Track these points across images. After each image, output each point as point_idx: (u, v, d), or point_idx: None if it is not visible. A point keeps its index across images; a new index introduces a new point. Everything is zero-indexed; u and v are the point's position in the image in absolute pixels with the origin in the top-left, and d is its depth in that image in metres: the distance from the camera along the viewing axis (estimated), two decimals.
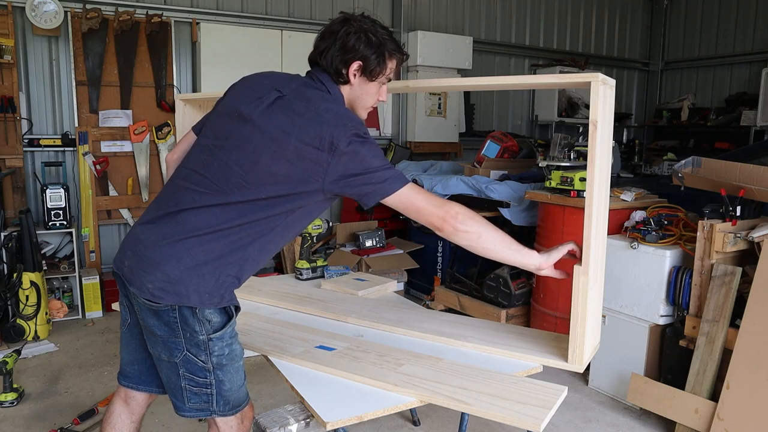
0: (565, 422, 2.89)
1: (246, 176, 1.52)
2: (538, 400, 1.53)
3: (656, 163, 6.54)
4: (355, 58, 1.60)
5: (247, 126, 1.56)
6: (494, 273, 3.80)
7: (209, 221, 1.53)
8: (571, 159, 3.54)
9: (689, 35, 7.71)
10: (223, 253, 1.53)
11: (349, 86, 1.66)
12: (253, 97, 1.60)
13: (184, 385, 1.58)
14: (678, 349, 2.78)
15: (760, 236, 2.53)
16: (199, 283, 1.51)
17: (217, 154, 1.58)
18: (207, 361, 1.57)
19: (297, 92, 1.59)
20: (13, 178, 4.34)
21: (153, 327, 1.55)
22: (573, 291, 1.64)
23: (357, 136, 1.50)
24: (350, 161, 1.49)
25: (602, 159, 1.61)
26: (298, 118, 1.52)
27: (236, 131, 1.58)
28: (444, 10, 6.32)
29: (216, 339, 1.56)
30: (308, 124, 1.51)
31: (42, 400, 3.06)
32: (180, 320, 1.53)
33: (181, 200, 1.56)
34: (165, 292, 1.50)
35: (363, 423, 1.77)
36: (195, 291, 1.51)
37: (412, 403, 1.55)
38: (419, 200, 1.56)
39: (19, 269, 3.82)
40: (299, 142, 1.49)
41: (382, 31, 1.64)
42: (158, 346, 1.58)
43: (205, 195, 1.54)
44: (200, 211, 1.53)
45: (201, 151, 1.64)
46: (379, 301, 2.33)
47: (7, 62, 4.17)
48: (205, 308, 1.53)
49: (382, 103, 5.98)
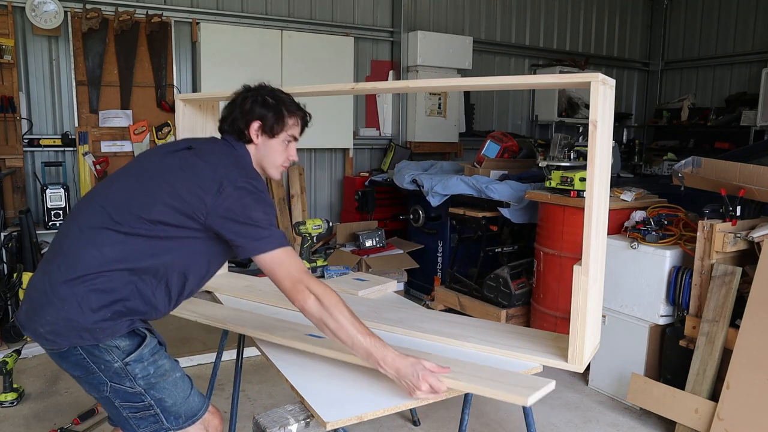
0: (565, 422, 2.89)
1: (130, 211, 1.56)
2: (526, 382, 1.55)
3: (656, 163, 6.54)
4: (254, 118, 1.72)
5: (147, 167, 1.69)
6: (494, 273, 3.80)
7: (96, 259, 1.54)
8: (571, 159, 3.54)
9: (689, 35, 7.71)
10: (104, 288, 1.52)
11: (254, 146, 1.75)
12: (161, 152, 1.75)
13: (127, 414, 1.57)
14: (678, 349, 2.78)
15: (760, 236, 2.53)
16: (86, 320, 1.49)
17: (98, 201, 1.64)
18: (134, 386, 1.54)
19: (205, 145, 1.71)
20: (13, 178, 4.34)
21: (69, 370, 1.55)
22: (573, 291, 1.64)
23: (248, 185, 1.55)
24: (234, 203, 1.52)
25: (602, 159, 1.61)
26: (200, 162, 1.61)
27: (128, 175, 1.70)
28: (444, 10, 6.32)
29: (133, 362, 1.54)
30: (206, 167, 1.59)
31: (42, 400, 3.06)
32: (87, 356, 1.51)
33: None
34: (58, 335, 1.49)
35: (363, 423, 1.77)
36: (85, 329, 1.49)
37: (412, 403, 1.55)
38: (282, 269, 1.53)
39: (19, 269, 3.82)
40: (192, 183, 1.55)
41: (281, 95, 1.78)
42: (84, 386, 1.58)
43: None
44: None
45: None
46: (379, 301, 2.33)
47: (7, 62, 4.17)
48: (105, 340, 1.51)
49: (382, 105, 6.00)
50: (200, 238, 1.58)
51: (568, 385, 3.22)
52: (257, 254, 1.52)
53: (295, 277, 1.52)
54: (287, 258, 1.53)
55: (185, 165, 1.61)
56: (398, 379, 1.51)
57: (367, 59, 5.95)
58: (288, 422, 1.46)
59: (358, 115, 5.91)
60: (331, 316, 1.50)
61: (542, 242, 3.58)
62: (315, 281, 1.53)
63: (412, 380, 1.48)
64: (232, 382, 2.55)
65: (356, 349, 1.52)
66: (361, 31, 5.83)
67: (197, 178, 1.56)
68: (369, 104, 6.02)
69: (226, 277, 2.64)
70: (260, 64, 5.05)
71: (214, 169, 1.57)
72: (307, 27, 5.45)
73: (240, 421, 2.62)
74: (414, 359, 1.51)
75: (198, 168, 1.58)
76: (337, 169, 5.90)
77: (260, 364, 3.41)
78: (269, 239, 1.52)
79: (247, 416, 2.77)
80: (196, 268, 1.65)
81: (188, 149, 1.67)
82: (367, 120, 6.04)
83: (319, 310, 1.50)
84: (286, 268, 1.53)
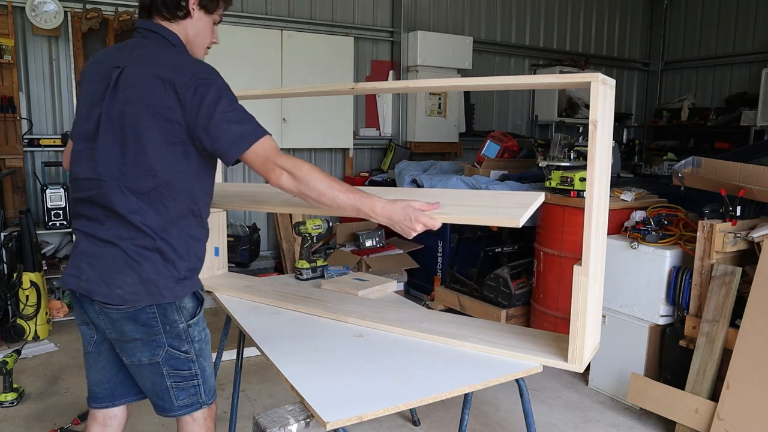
0: (565, 422, 2.89)
1: (134, 161, 1.49)
2: (516, 202, 1.52)
3: (656, 163, 6.54)
4: None
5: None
6: (494, 273, 3.81)
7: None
8: (571, 159, 3.54)
9: (689, 35, 7.71)
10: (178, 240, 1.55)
11: (190, 20, 1.63)
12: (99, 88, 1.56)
13: (170, 383, 1.58)
14: (678, 349, 2.78)
15: (760, 236, 2.53)
16: (169, 276, 1.53)
17: (97, 156, 1.54)
18: (189, 350, 1.59)
19: (135, 54, 1.56)
20: (13, 178, 4.34)
21: (129, 333, 1.54)
22: (573, 291, 1.64)
23: (205, 78, 1.48)
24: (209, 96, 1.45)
25: (602, 159, 1.61)
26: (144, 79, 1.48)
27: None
28: (444, 10, 6.33)
29: (194, 324, 1.60)
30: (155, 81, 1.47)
31: (42, 400, 3.06)
32: (159, 315, 1.53)
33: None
34: (137, 295, 1.50)
35: (363, 423, 1.77)
36: (166, 287, 1.52)
37: (412, 403, 1.55)
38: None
39: (19, 269, 3.82)
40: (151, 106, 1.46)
41: None
42: (137, 351, 1.57)
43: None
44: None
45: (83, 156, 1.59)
46: (379, 301, 2.33)
47: (7, 62, 4.17)
48: (182, 299, 1.56)
49: (382, 105, 6.00)
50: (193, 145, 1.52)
51: (568, 385, 3.22)
52: (239, 155, 1.48)
53: (262, 156, 1.49)
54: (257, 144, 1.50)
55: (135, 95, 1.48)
56: (392, 225, 1.54)
57: (367, 59, 5.95)
58: (288, 422, 1.46)
59: (358, 115, 5.92)
60: (308, 187, 1.49)
61: (542, 242, 3.58)
62: (283, 156, 1.51)
63: (406, 223, 1.51)
64: (232, 382, 2.55)
65: (343, 208, 1.53)
66: (361, 31, 5.83)
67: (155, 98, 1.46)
68: (369, 104, 6.03)
69: (226, 277, 2.64)
70: (260, 64, 5.05)
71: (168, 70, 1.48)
72: (307, 27, 5.45)
73: (240, 421, 2.62)
74: (403, 202, 1.53)
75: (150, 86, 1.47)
76: (337, 169, 5.90)
77: (260, 364, 3.41)
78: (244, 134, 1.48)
79: (247, 416, 2.77)
80: (204, 176, 1.62)
81: (117, 68, 1.53)
82: (367, 120, 6.04)
83: (295, 184, 1.49)
84: (254, 152, 1.49)
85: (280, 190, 1.53)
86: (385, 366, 1.71)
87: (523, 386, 1.75)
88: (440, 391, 1.55)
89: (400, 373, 1.66)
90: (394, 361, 1.75)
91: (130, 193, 1.50)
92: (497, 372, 1.67)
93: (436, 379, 1.63)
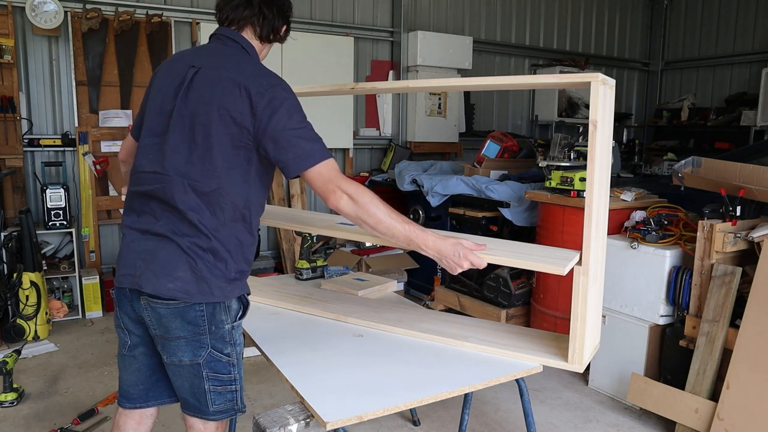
0: (565, 422, 2.89)
1: (203, 159, 1.52)
2: (559, 254, 1.68)
3: (656, 163, 6.54)
4: (285, 21, 1.70)
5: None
6: (494, 273, 3.80)
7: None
8: (571, 159, 3.54)
9: (689, 35, 7.71)
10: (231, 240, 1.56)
11: (268, 44, 1.71)
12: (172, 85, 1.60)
13: (208, 387, 1.58)
14: (678, 349, 2.78)
15: (760, 236, 2.53)
16: (221, 275, 1.54)
17: (166, 150, 1.56)
18: (231, 354, 1.59)
19: (212, 58, 1.60)
20: (13, 178, 4.34)
21: (175, 330, 1.54)
22: (573, 291, 1.64)
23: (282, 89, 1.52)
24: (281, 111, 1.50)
25: (602, 159, 1.61)
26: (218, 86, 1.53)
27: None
28: (444, 10, 6.32)
29: (237, 327, 1.62)
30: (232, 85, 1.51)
31: (42, 400, 3.06)
32: (207, 314, 1.54)
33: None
34: (189, 292, 1.51)
35: (363, 423, 1.77)
36: (217, 286, 1.53)
37: (412, 403, 1.55)
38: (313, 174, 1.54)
39: (19, 269, 3.82)
40: (222, 108, 1.50)
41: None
42: (179, 350, 1.56)
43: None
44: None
45: (150, 151, 1.61)
46: (379, 301, 2.33)
47: (7, 62, 4.17)
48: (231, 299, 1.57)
49: (382, 105, 6.00)
50: (255, 152, 1.56)
51: (568, 385, 3.22)
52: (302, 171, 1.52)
53: (326, 176, 1.53)
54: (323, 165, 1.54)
55: (207, 95, 1.52)
56: (440, 260, 1.62)
57: (367, 59, 5.95)
58: (288, 422, 1.46)
59: (358, 115, 5.92)
60: (367, 213, 1.54)
61: (542, 242, 3.57)
62: (346, 180, 1.55)
63: (454, 259, 1.60)
64: None
65: (396, 238, 1.60)
66: (361, 31, 5.83)
67: (226, 105, 1.50)
68: (369, 104, 6.03)
69: None
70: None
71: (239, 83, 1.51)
72: (307, 27, 5.45)
73: (240, 421, 2.61)
74: (454, 239, 1.61)
75: (227, 89, 1.51)
76: None
77: (260, 364, 3.41)
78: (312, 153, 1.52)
79: (247, 416, 2.76)
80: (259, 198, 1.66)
81: (192, 67, 1.58)
82: (367, 120, 6.04)
83: (354, 208, 1.53)
84: (317, 171, 1.53)
85: (337, 213, 1.57)
86: (385, 366, 1.71)
87: (523, 386, 1.75)
88: (440, 391, 1.55)
89: (400, 373, 1.66)
90: (394, 361, 1.75)
91: (191, 191, 1.52)
92: (497, 372, 1.67)
93: (436, 379, 1.63)
